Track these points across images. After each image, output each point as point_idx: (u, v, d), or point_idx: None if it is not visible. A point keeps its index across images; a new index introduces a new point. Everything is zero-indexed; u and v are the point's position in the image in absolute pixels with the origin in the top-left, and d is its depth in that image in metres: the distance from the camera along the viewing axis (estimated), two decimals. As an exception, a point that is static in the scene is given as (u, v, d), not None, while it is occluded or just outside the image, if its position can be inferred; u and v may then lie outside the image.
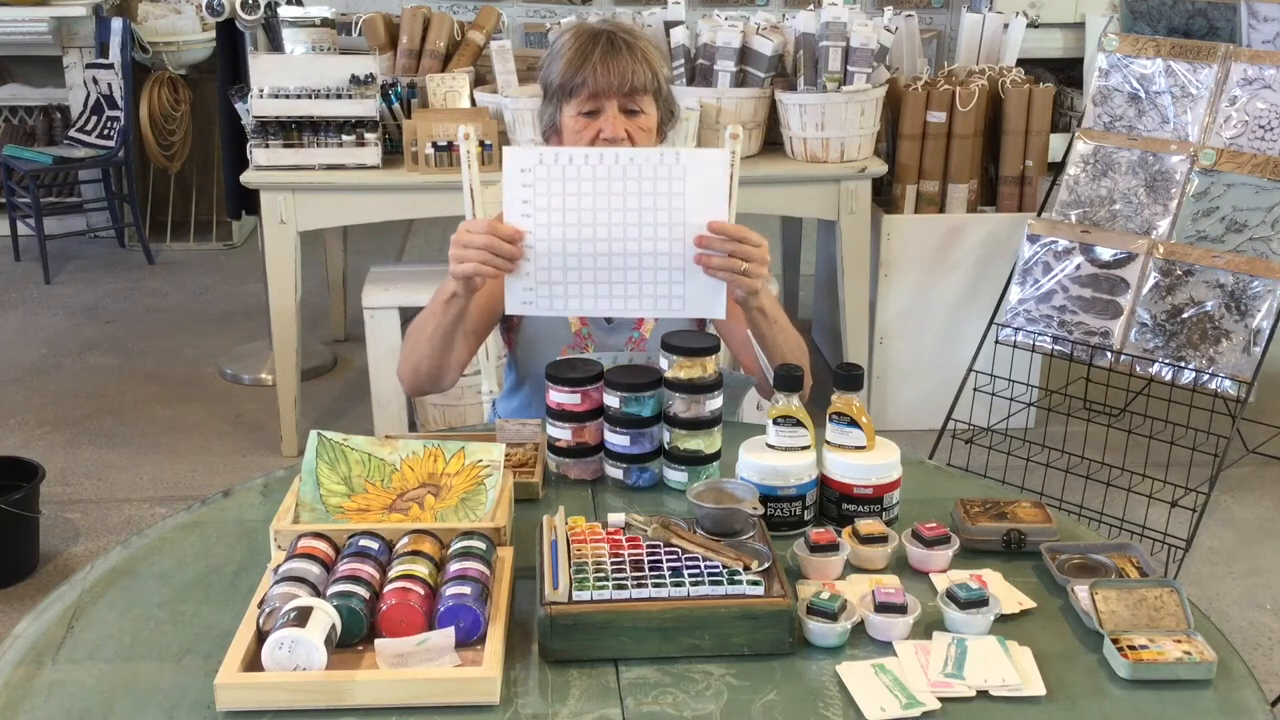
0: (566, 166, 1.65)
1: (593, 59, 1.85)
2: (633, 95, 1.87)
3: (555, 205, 1.66)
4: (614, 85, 1.85)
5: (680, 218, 1.66)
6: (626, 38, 1.89)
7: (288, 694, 1.26)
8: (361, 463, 1.61)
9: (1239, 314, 3.11)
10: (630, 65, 1.85)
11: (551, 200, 1.65)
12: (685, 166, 1.65)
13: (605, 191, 1.65)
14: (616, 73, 1.85)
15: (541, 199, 1.65)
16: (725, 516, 1.49)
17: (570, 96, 1.88)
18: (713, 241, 1.67)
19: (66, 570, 3.14)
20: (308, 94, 3.48)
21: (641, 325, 2.02)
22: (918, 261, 3.85)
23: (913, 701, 1.27)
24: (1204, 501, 3.10)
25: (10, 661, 1.36)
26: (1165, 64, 3.29)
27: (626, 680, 1.31)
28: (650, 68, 1.88)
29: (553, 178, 1.65)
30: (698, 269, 1.69)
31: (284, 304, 3.66)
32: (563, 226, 1.66)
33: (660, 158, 1.65)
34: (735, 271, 1.68)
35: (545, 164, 1.65)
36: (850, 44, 3.51)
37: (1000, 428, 3.59)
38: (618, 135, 1.86)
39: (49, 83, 5.91)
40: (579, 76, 1.86)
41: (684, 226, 1.67)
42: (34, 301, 5.24)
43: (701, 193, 1.66)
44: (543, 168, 1.65)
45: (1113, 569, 1.51)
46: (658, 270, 1.68)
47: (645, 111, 1.90)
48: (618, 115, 1.87)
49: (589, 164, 1.65)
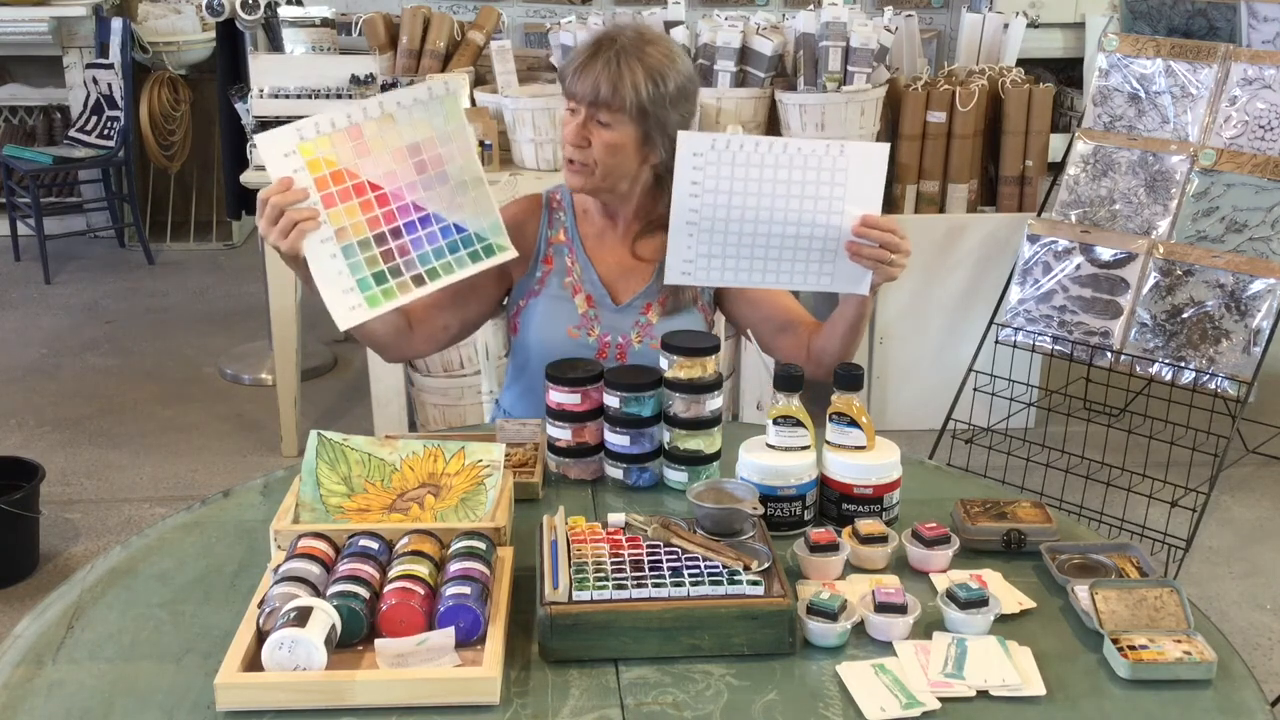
0: (736, 153, 1.73)
1: (580, 62, 1.89)
2: (602, 108, 1.88)
3: (722, 188, 1.74)
4: (584, 94, 1.88)
5: (839, 206, 1.76)
6: (628, 50, 1.88)
7: (288, 694, 1.26)
8: (361, 463, 1.61)
9: (1239, 314, 3.11)
10: (605, 79, 1.86)
11: (720, 183, 1.74)
12: (848, 157, 1.74)
13: (770, 178, 1.74)
14: (590, 83, 1.87)
15: (710, 181, 1.74)
16: (725, 516, 1.49)
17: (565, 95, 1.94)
18: (869, 233, 1.76)
19: (66, 570, 3.14)
20: (308, 94, 3.48)
21: (649, 310, 2.02)
22: (918, 261, 3.84)
23: (913, 701, 1.27)
24: (1204, 501, 3.10)
25: (10, 661, 1.36)
26: (1165, 64, 3.29)
27: (626, 680, 1.31)
28: (632, 87, 1.86)
29: (721, 161, 1.73)
30: (846, 252, 1.79)
31: (284, 304, 3.66)
32: (727, 208, 1.75)
33: (825, 149, 1.74)
34: (882, 261, 1.77)
35: (716, 149, 1.73)
36: (850, 44, 3.51)
37: (1000, 428, 3.59)
38: (573, 140, 1.90)
39: (49, 83, 5.91)
40: (568, 74, 1.91)
41: (841, 214, 1.76)
42: (34, 301, 5.24)
43: (859, 182, 1.75)
44: (713, 152, 1.73)
45: (1113, 569, 1.51)
46: (811, 250, 1.78)
47: (612, 127, 1.89)
48: (580, 124, 1.90)
49: (758, 150, 1.73)
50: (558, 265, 2.05)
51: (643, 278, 2.04)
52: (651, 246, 2.03)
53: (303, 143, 1.71)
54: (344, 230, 1.73)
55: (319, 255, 1.72)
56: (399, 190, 1.76)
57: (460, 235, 1.80)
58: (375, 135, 1.74)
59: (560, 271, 2.04)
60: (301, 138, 1.71)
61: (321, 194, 1.71)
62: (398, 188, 1.76)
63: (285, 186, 1.70)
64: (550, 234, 2.06)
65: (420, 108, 1.76)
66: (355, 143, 1.73)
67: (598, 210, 2.05)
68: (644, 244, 2.04)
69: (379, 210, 1.75)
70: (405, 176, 1.76)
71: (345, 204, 1.73)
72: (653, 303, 2.03)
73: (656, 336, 1.95)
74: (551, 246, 2.06)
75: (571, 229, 2.06)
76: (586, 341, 2.00)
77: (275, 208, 1.69)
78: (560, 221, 2.07)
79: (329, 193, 1.72)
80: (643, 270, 2.05)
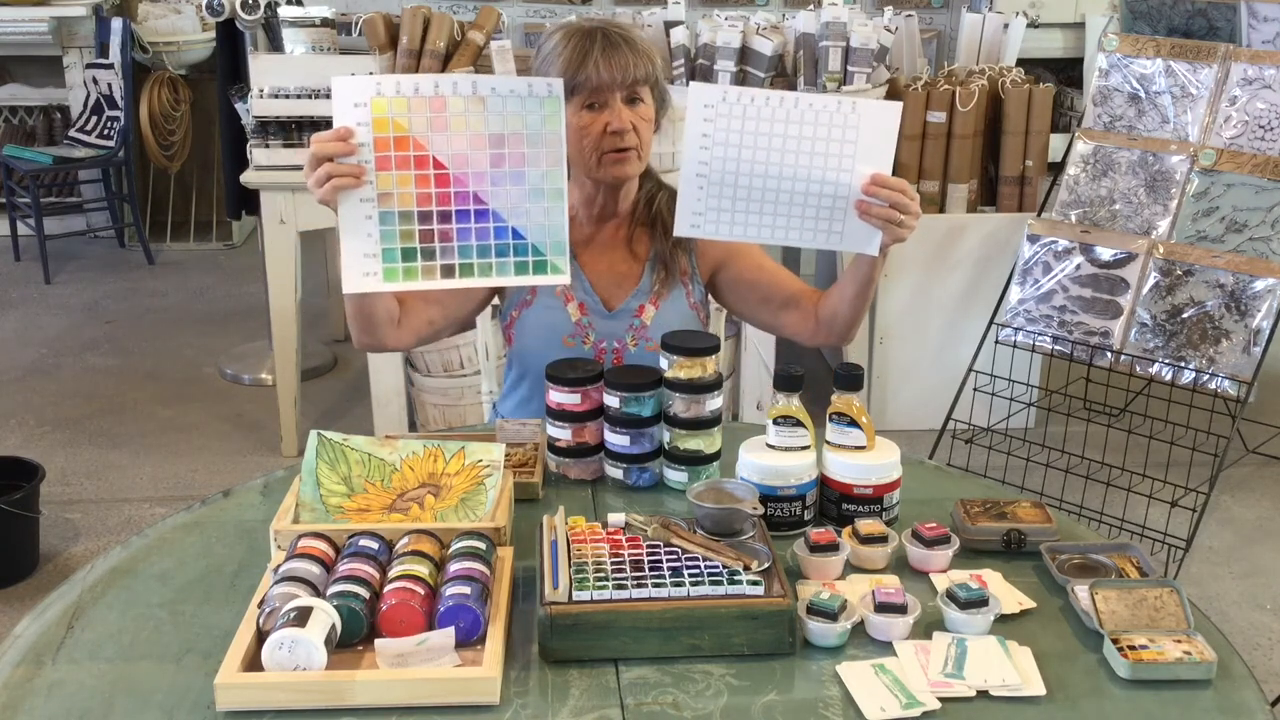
0: (748, 106, 1.71)
1: (593, 56, 1.89)
2: (634, 86, 1.91)
3: (733, 141, 1.72)
4: (616, 80, 1.89)
5: (849, 164, 1.73)
6: (620, 33, 1.93)
7: (288, 694, 1.26)
8: (361, 463, 1.61)
9: (1239, 314, 3.11)
10: (630, 59, 1.90)
11: (730, 136, 1.72)
12: (860, 115, 1.71)
13: (781, 133, 1.72)
14: (619, 67, 1.89)
15: (721, 134, 1.72)
16: (725, 516, 1.49)
17: (572, 95, 1.90)
18: (879, 192, 1.73)
19: (66, 570, 3.14)
20: (308, 94, 3.48)
21: (642, 312, 2.02)
22: (918, 261, 3.85)
23: (913, 701, 1.27)
24: (1204, 501, 3.10)
25: (10, 661, 1.36)
26: (1165, 64, 3.29)
27: (626, 680, 1.31)
28: (649, 60, 1.93)
29: (733, 115, 1.71)
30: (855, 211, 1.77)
31: (284, 304, 3.66)
32: (737, 161, 1.73)
33: (838, 105, 1.71)
34: (891, 221, 1.75)
35: (728, 101, 1.71)
36: (850, 44, 3.51)
37: (1000, 428, 3.59)
38: (624, 126, 1.90)
39: (49, 83, 5.91)
40: (581, 74, 1.89)
41: (851, 173, 1.73)
42: (34, 301, 5.24)
43: (871, 141, 1.72)
44: (725, 104, 1.71)
45: (1113, 569, 1.51)
46: (820, 208, 1.76)
47: (645, 102, 1.94)
48: (622, 107, 1.91)
49: (769, 104, 1.71)
50: None
51: (634, 278, 2.04)
52: (645, 241, 2.04)
53: (378, 98, 1.61)
54: (389, 196, 1.64)
55: (354, 211, 1.64)
56: (464, 175, 1.66)
57: (516, 241, 1.70)
58: (459, 113, 1.64)
59: None
60: (379, 92, 1.61)
61: (378, 154, 1.63)
62: (464, 173, 1.66)
63: (340, 136, 1.62)
64: None
65: (517, 100, 1.66)
66: (435, 114, 1.63)
67: (589, 214, 2.04)
68: (640, 236, 2.04)
69: (435, 189, 1.65)
70: (477, 164, 1.66)
71: (400, 172, 1.64)
72: (645, 303, 2.03)
73: (652, 339, 1.95)
74: None
75: None
76: (582, 350, 2.00)
77: (319, 157, 1.63)
78: None
79: (387, 155, 1.63)
80: (633, 270, 2.05)
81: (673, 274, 2.04)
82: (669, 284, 2.04)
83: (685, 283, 2.06)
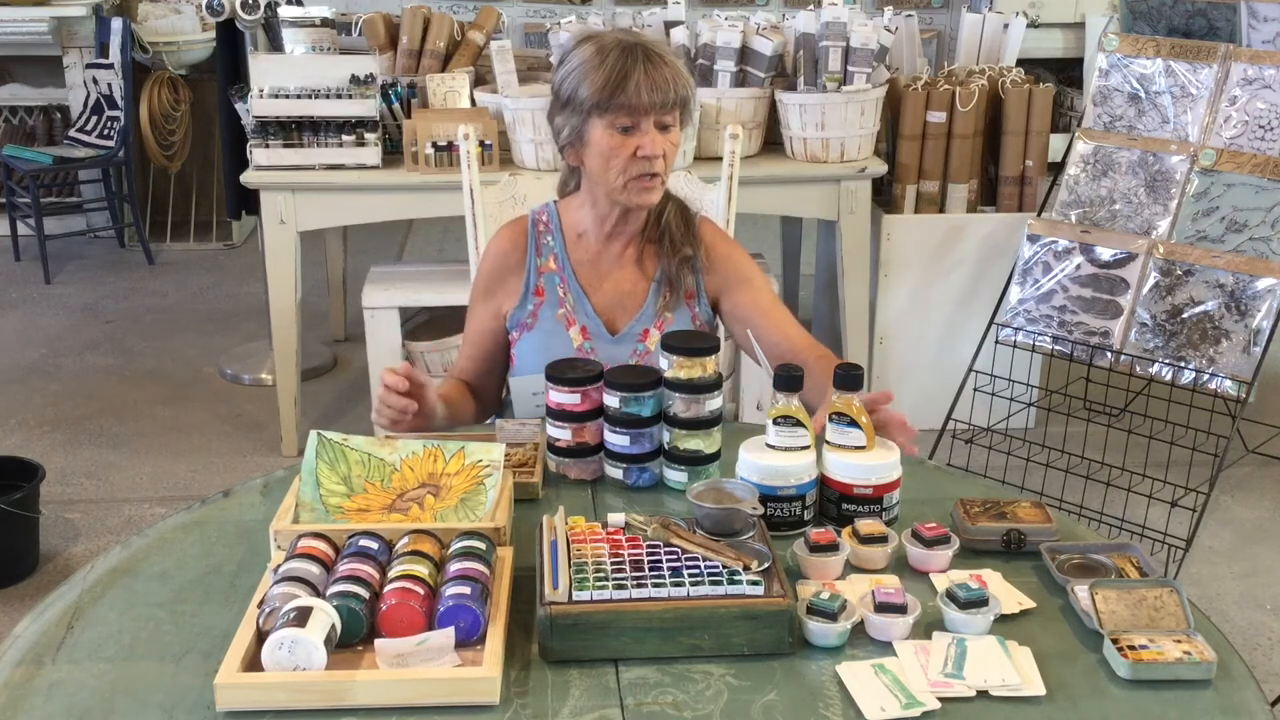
0: None
1: (635, 77, 1.82)
2: (669, 110, 1.87)
3: None
4: (656, 102, 1.84)
5: None
6: (659, 52, 1.87)
7: (288, 694, 1.26)
8: (361, 463, 1.61)
9: (1239, 314, 3.11)
10: (671, 83, 1.85)
11: None
12: None
13: None
14: (660, 91, 1.84)
15: None
16: (725, 516, 1.49)
17: (605, 113, 1.85)
18: None
19: (66, 570, 3.14)
20: (308, 94, 3.48)
21: (646, 337, 2.01)
22: (918, 261, 3.85)
23: (913, 701, 1.27)
24: (1204, 501, 3.10)
25: (10, 661, 1.36)
26: (1165, 64, 3.29)
27: (626, 680, 1.31)
28: (686, 80, 1.88)
29: None
30: None
31: (284, 304, 3.66)
32: None
33: None
34: None
35: None
36: (850, 44, 3.51)
37: (1000, 428, 3.59)
38: (656, 153, 1.86)
39: (49, 83, 5.91)
40: (620, 95, 1.83)
41: None
42: (34, 301, 5.24)
43: None
44: None
45: (1113, 569, 1.51)
46: None
47: (675, 126, 1.90)
48: (655, 133, 1.87)
49: None
50: (550, 297, 2.01)
51: (638, 298, 2.02)
52: (654, 258, 2.02)
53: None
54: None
55: None
56: None
57: None
58: None
59: (553, 303, 2.01)
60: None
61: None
62: None
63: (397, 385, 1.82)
64: (540, 262, 2.03)
65: None
66: None
67: (598, 234, 2.01)
68: (649, 253, 2.02)
69: None
70: None
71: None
72: (649, 328, 2.01)
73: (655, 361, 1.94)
74: (542, 276, 2.02)
75: (562, 256, 2.02)
76: None
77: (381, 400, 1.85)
78: (549, 248, 2.03)
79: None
80: (639, 289, 2.02)
81: (677, 293, 2.00)
82: (673, 305, 2.01)
83: (691, 305, 2.03)
